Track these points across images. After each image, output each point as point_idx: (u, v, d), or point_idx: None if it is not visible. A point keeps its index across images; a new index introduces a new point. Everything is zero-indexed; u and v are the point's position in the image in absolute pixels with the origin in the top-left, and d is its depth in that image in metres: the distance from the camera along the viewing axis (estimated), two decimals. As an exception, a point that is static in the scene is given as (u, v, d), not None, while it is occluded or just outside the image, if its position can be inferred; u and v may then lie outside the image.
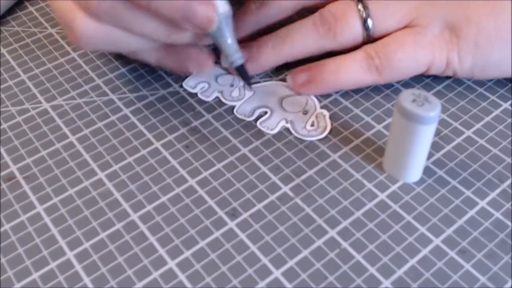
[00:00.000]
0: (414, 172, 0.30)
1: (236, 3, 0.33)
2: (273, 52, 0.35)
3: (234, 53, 0.32)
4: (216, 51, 0.35)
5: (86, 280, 0.26)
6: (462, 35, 0.32)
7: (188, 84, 0.36)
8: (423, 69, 0.33)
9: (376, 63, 0.33)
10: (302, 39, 0.34)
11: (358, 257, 0.27)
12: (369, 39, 0.34)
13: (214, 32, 0.29)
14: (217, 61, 0.37)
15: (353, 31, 0.33)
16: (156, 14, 0.27)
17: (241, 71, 0.33)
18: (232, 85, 0.35)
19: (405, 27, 0.33)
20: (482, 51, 0.32)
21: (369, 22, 0.33)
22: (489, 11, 0.32)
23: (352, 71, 0.33)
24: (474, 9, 0.32)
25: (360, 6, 0.33)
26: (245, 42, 0.36)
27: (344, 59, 0.34)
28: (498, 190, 0.30)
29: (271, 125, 0.33)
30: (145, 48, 0.32)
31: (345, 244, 0.27)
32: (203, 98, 0.35)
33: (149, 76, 0.36)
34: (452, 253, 0.27)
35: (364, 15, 0.33)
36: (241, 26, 0.36)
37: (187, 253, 0.27)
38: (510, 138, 0.32)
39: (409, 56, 0.33)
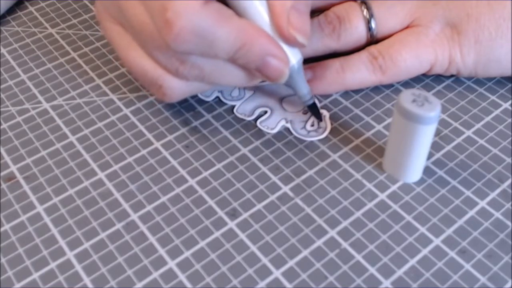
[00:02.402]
0: (414, 172, 0.30)
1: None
2: None
3: (305, 95, 0.32)
4: None
5: (86, 280, 0.26)
6: (462, 32, 0.32)
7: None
8: (427, 68, 0.33)
9: (380, 63, 0.33)
10: None
11: (358, 257, 0.27)
12: (373, 39, 0.34)
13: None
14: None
15: (356, 32, 0.34)
16: (234, 63, 0.28)
17: (313, 110, 0.33)
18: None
19: (407, 27, 0.34)
20: (483, 47, 0.32)
21: (373, 23, 0.33)
22: (489, 8, 0.32)
23: (357, 71, 0.33)
24: (474, 6, 0.32)
25: (363, 7, 0.34)
26: None
27: (348, 59, 0.34)
28: (498, 190, 0.30)
29: (271, 124, 0.33)
30: None
31: (345, 244, 0.27)
32: (203, 98, 0.35)
33: (149, 76, 0.36)
34: (452, 253, 0.27)
35: (367, 16, 0.33)
36: None
37: (187, 253, 0.27)
38: (510, 138, 0.32)
39: (413, 55, 0.33)
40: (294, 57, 0.30)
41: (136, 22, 0.28)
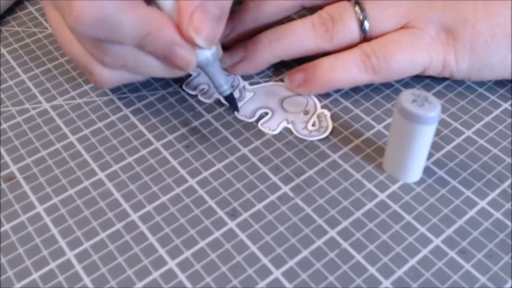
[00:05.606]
0: (414, 172, 0.30)
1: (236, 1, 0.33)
2: (269, 48, 0.35)
3: (222, 85, 0.33)
4: None
5: (86, 280, 0.26)
6: (458, 37, 0.32)
7: (188, 86, 0.36)
8: (420, 70, 0.33)
9: (373, 63, 0.33)
10: (299, 38, 0.34)
11: (358, 257, 0.27)
12: (366, 40, 0.34)
13: (202, 68, 0.32)
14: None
15: (349, 33, 0.33)
16: (142, 50, 0.29)
17: (230, 100, 0.34)
18: (232, 87, 0.35)
19: (402, 28, 0.33)
20: (478, 53, 0.32)
21: (366, 24, 0.33)
22: (485, 14, 0.32)
23: (347, 70, 0.33)
24: (471, 11, 0.32)
25: (357, 8, 0.33)
26: (242, 41, 0.36)
27: (339, 57, 0.33)
28: (498, 190, 0.30)
29: (273, 126, 0.33)
30: None
31: (345, 244, 0.27)
32: (203, 99, 0.35)
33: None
34: (452, 253, 0.27)
35: (361, 17, 0.33)
36: (238, 24, 0.36)
37: (187, 253, 0.27)
38: (510, 138, 0.32)
39: (407, 57, 0.32)
40: (207, 51, 0.31)
41: (59, 4, 0.29)
